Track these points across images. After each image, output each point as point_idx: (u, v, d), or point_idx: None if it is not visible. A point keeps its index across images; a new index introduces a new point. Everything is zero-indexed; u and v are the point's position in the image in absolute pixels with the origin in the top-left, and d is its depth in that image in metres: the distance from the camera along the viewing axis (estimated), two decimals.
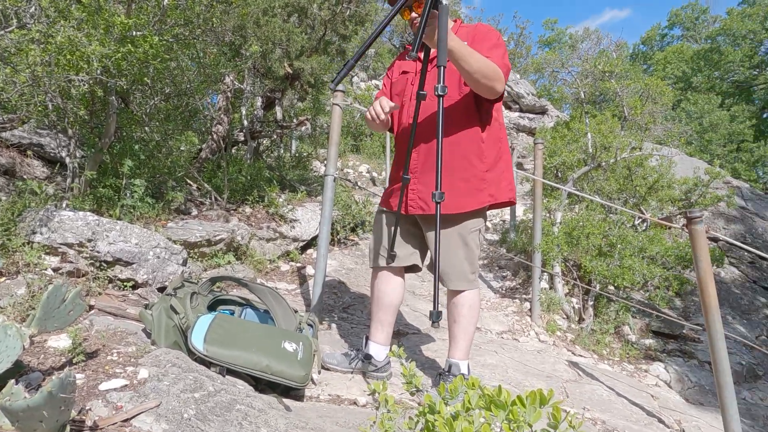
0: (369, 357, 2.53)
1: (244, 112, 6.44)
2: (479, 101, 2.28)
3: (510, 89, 17.14)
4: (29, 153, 4.02)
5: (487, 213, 2.49)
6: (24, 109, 2.87)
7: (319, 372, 2.46)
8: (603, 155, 6.52)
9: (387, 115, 2.26)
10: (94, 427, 1.38)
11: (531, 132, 16.27)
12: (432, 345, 3.37)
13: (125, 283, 2.78)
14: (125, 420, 1.42)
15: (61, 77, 2.77)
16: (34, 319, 1.54)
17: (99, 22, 2.96)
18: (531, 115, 17.35)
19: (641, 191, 6.43)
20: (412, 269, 2.56)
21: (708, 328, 2.52)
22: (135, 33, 3.16)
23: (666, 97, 8.15)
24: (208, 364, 1.92)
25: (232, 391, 1.74)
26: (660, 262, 5.16)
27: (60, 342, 1.92)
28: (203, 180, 4.78)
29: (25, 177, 3.76)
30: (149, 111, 4.17)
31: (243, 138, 6.26)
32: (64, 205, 3.12)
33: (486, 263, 6.26)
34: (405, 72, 2.48)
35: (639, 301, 5.37)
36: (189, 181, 4.78)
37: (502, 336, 4.14)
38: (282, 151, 8.42)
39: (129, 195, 3.48)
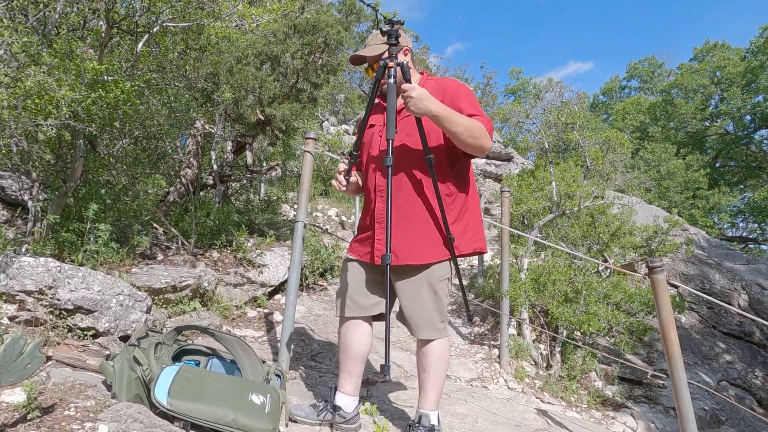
0: (337, 408, 2.48)
1: (213, 156, 6.43)
2: (455, 155, 2.34)
3: None
4: None
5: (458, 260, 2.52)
6: None
7: (287, 425, 2.39)
8: (567, 203, 6.70)
9: (349, 183, 2.41)
10: None
11: (497, 178, 16.65)
12: (401, 394, 3.32)
13: (86, 332, 2.68)
14: None
15: (29, 122, 2.74)
16: None
17: (70, 67, 2.96)
18: (498, 162, 17.78)
19: (604, 238, 6.61)
20: (380, 318, 2.55)
21: (672, 375, 2.57)
22: (107, 78, 3.17)
23: (626, 148, 8.49)
24: (171, 418, 1.85)
25: None
26: (624, 308, 5.27)
27: (14, 396, 1.83)
28: (170, 224, 4.71)
29: None
30: (117, 154, 4.13)
31: (212, 182, 6.22)
32: (23, 250, 3.03)
33: (454, 308, 6.26)
34: (372, 126, 2.53)
35: (605, 347, 5.44)
36: (155, 225, 4.71)
37: (471, 384, 4.12)
38: (251, 195, 8.38)
39: (93, 240, 3.41)
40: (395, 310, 2.54)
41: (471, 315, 2.31)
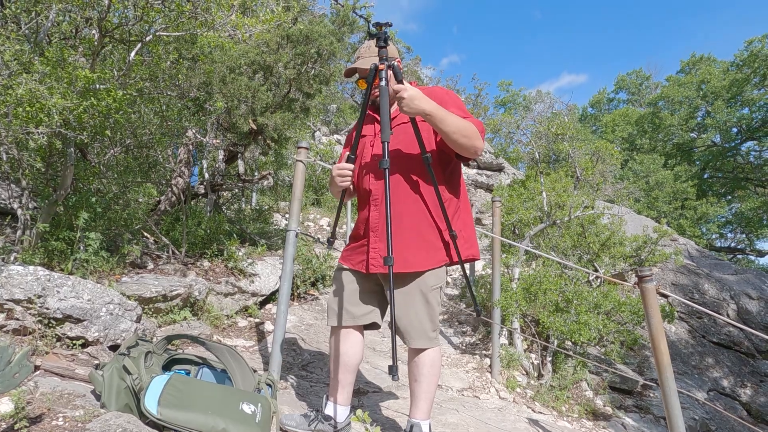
0: (329, 418, 2.47)
1: (205, 164, 6.42)
2: (447, 159, 2.35)
3: None
4: None
5: (448, 268, 2.53)
6: None
7: None
8: (558, 213, 6.75)
9: (350, 179, 2.35)
10: None
11: (489, 188, 16.75)
12: (393, 403, 3.31)
13: (75, 342, 2.66)
14: None
15: (19, 129, 2.72)
16: None
17: (62, 75, 2.96)
18: (489, 172, 17.90)
19: (594, 248, 6.66)
20: (371, 327, 2.55)
21: (662, 385, 2.58)
22: (98, 86, 3.17)
23: (615, 159, 8.58)
24: (161, 428, 1.84)
25: None
26: (614, 317, 5.30)
27: (1, 406, 1.81)
28: (161, 233, 4.69)
29: None
30: (108, 162, 4.11)
31: (203, 191, 6.21)
32: (12, 259, 3.00)
33: (446, 318, 6.26)
34: (363, 136, 2.53)
35: (595, 357, 5.46)
36: (146, 234, 4.69)
37: (462, 393, 4.11)
38: (243, 204, 8.37)
39: (83, 248, 3.38)
40: (386, 319, 2.54)
41: (479, 310, 2.32)
